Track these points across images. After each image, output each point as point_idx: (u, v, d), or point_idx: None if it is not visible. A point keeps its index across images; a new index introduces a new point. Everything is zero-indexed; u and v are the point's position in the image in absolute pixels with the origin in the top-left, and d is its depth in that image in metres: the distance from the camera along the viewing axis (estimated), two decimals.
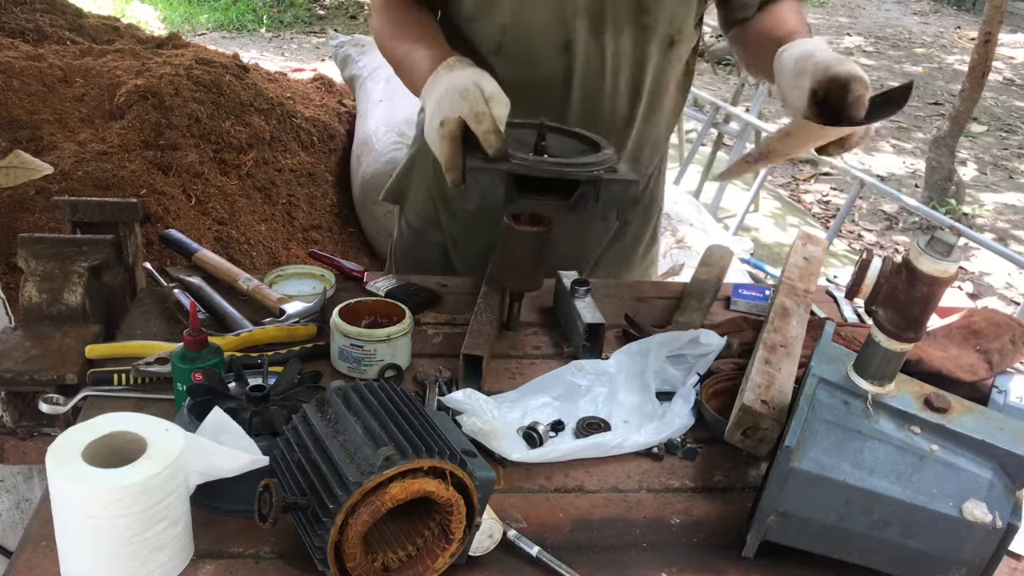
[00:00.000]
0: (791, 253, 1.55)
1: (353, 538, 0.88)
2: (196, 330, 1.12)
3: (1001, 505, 0.93)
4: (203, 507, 1.01)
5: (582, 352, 1.37)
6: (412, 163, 1.69)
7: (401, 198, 1.72)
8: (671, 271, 3.18)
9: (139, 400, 1.19)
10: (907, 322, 0.95)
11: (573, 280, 1.45)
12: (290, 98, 3.60)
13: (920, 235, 0.96)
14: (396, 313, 1.33)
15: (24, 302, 1.32)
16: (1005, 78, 8.39)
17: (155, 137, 2.96)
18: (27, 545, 0.96)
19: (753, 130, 4.59)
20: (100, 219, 1.42)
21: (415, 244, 1.72)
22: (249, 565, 0.96)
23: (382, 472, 0.86)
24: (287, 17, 9.03)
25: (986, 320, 1.43)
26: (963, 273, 4.55)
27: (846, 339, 1.37)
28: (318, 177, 3.45)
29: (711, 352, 1.32)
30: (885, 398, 0.98)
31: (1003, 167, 6.21)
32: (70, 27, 3.70)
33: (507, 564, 0.99)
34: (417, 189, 1.68)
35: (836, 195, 5.52)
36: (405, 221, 1.73)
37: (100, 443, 0.92)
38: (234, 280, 1.48)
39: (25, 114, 2.87)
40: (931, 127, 6.59)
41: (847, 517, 0.96)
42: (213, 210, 2.92)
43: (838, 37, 9.59)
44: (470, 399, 1.14)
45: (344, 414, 0.94)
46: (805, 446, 0.96)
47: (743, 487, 1.15)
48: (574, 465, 1.16)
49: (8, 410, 1.22)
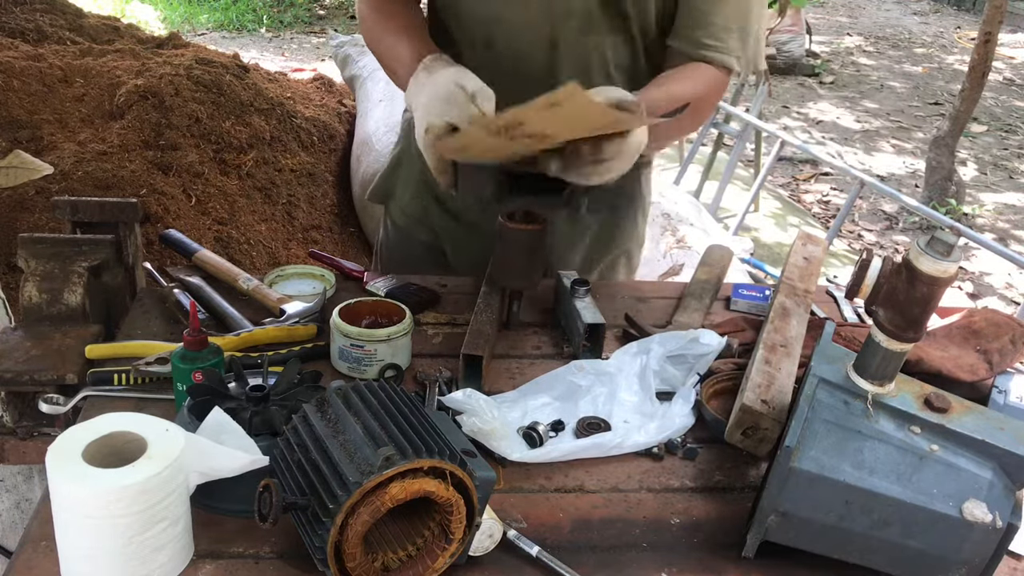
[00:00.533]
0: (791, 253, 1.55)
1: (353, 538, 0.88)
2: (196, 330, 1.12)
3: (1001, 505, 0.93)
4: (203, 507, 1.01)
5: (582, 352, 1.37)
6: (398, 162, 1.69)
7: (387, 198, 1.72)
8: (671, 271, 3.18)
9: (139, 400, 1.20)
10: (907, 322, 0.95)
11: (573, 280, 1.45)
12: (290, 98, 3.60)
13: (920, 235, 0.96)
14: (396, 313, 1.33)
15: (24, 302, 1.32)
16: (1005, 78, 8.39)
17: (155, 137, 2.95)
18: (27, 545, 0.96)
19: (753, 130, 4.59)
20: (100, 219, 1.42)
21: (402, 243, 1.72)
22: (249, 565, 0.96)
23: (382, 472, 0.86)
24: (287, 17, 9.03)
25: (986, 320, 1.43)
26: (963, 273, 4.55)
27: (846, 339, 1.37)
28: (318, 177, 3.45)
29: (711, 352, 1.32)
30: (885, 398, 0.98)
31: (1003, 167, 6.21)
32: (70, 27, 3.70)
33: (507, 564, 0.99)
34: (404, 188, 1.68)
35: (836, 195, 5.51)
36: (391, 220, 1.73)
37: (100, 443, 0.92)
38: (234, 280, 1.48)
39: (25, 114, 2.87)
40: (931, 127, 6.59)
41: (847, 517, 0.96)
42: (213, 210, 2.92)
43: (838, 37, 9.59)
44: (470, 399, 1.14)
45: (344, 414, 0.94)
46: (805, 446, 0.96)
47: (743, 487, 1.15)
48: (574, 465, 1.16)
49: (8, 410, 1.22)
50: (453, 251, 1.68)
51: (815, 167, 5.85)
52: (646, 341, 1.34)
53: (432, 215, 1.66)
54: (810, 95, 7.54)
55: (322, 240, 3.28)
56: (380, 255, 1.79)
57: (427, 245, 1.69)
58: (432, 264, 1.68)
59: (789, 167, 5.92)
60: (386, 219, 1.76)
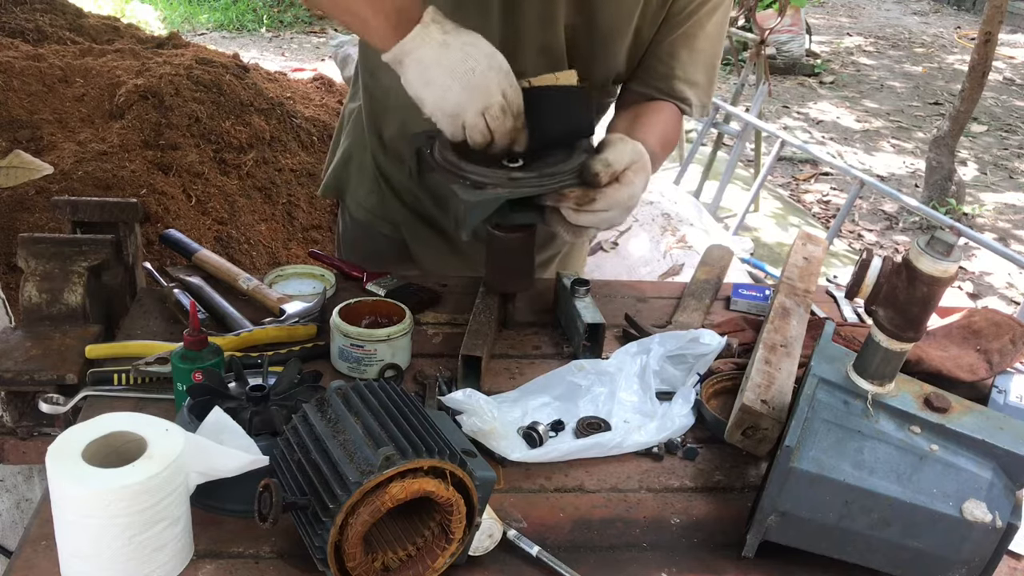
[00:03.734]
0: (791, 253, 1.55)
1: (353, 538, 0.88)
2: (196, 330, 1.12)
3: (1001, 505, 0.93)
4: (203, 507, 1.01)
5: (582, 352, 1.37)
6: (348, 156, 1.67)
7: (341, 192, 1.70)
8: (671, 271, 3.18)
9: (139, 400, 1.20)
10: (907, 322, 0.95)
11: (573, 280, 1.45)
12: (290, 98, 3.60)
13: (920, 235, 0.96)
14: (396, 313, 1.33)
15: (24, 302, 1.32)
16: (1005, 78, 8.39)
17: (155, 137, 2.95)
18: (27, 545, 0.96)
19: (753, 130, 4.59)
20: (100, 219, 1.42)
21: (363, 237, 1.71)
22: (249, 565, 0.96)
23: (382, 472, 0.86)
24: (287, 17, 9.03)
25: (986, 320, 1.43)
26: (963, 273, 4.55)
27: (846, 339, 1.37)
28: (318, 177, 3.43)
29: (711, 352, 1.32)
30: (885, 398, 0.98)
31: (1003, 167, 6.21)
32: (70, 27, 3.70)
33: (507, 564, 0.99)
34: (358, 182, 1.66)
35: (836, 195, 5.52)
36: (349, 215, 1.72)
37: (100, 443, 0.92)
38: (234, 280, 1.48)
39: (25, 114, 2.87)
40: (931, 127, 6.59)
41: (847, 517, 0.96)
42: (213, 210, 2.92)
43: (838, 37, 9.59)
44: (470, 399, 1.14)
45: (344, 414, 0.94)
46: (805, 446, 0.96)
47: (743, 487, 1.15)
48: (574, 465, 1.16)
49: (8, 410, 1.22)
50: (413, 243, 1.67)
51: (815, 167, 5.85)
52: (646, 341, 1.34)
53: (391, 208, 1.65)
54: (810, 95, 7.55)
55: (322, 240, 3.28)
56: (340, 250, 1.78)
57: (388, 238, 1.68)
58: (396, 257, 1.67)
59: (789, 167, 5.92)
60: (343, 214, 1.74)
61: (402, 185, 1.61)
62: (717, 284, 1.62)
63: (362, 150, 1.64)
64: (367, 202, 1.67)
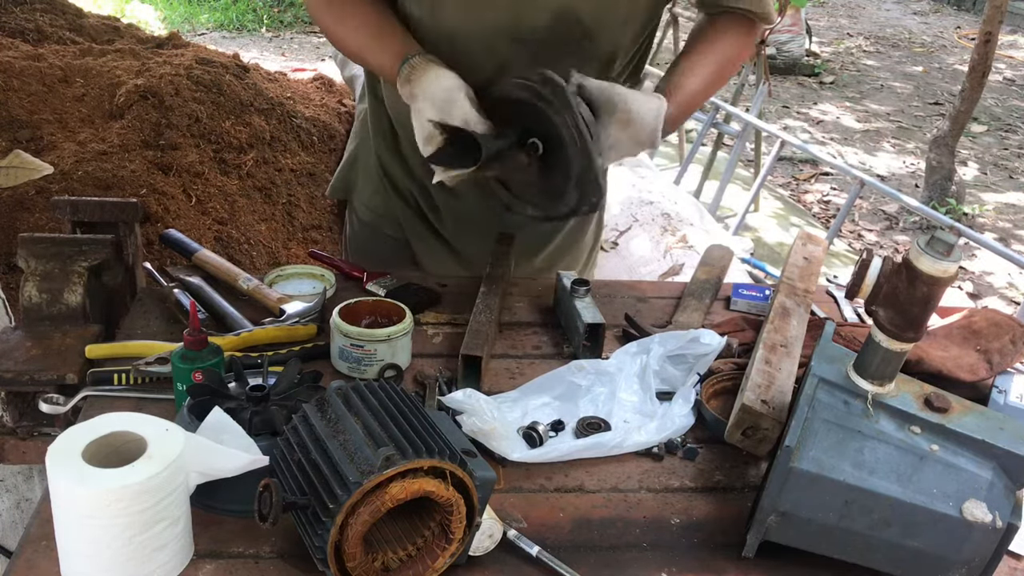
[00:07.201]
0: (791, 253, 1.55)
1: (353, 538, 0.88)
2: (196, 330, 1.12)
3: (1001, 505, 0.93)
4: (203, 507, 1.01)
5: (582, 352, 1.37)
6: (355, 158, 1.68)
7: (348, 193, 1.71)
8: (671, 271, 3.18)
9: (139, 400, 1.19)
10: (907, 322, 0.95)
11: (573, 280, 1.45)
12: (290, 98, 3.60)
13: (920, 235, 0.96)
14: (396, 313, 1.33)
15: (24, 302, 1.32)
16: (1005, 78, 8.38)
17: (155, 137, 2.95)
18: (27, 545, 0.96)
19: (753, 130, 4.59)
20: (100, 219, 1.42)
21: (369, 239, 1.71)
22: (249, 565, 0.96)
23: (382, 472, 0.86)
24: (287, 17, 9.03)
25: (986, 320, 1.43)
26: (964, 273, 4.55)
27: (846, 339, 1.37)
28: (318, 177, 3.44)
29: (711, 352, 1.31)
30: (885, 398, 0.98)
31: (1003, 167, 6.21)
32: (70, 27, 3.70)
33: (507, 564, 0.99)
34: (364, 183, 1.67)
35: (836, 195, 5.52)
36: (356, 216, 1.72)
37: (100, 443, 0.92)
38: (234, 280, 1.48)
39: (25, 114, 2.87)
40: (931, 127, 6.59)
41: (847, 517, 0.96)
42: (213, 210, 2.92)
43: (839, 38, 9.59)
44: (470, 399, 1.14)
45: (344, 414, 0.94)
46: (805, 446, 0.96)
47: (743, 487, 1.15)
48: (574, 465, 1.16)
49: (8, 410, 1.22)
50: (417, 244, 1.67)
51: (815, 167, 5.85)
52: (646, 341, 1.34)
53: (395, 209, 1.65)
54: (810, 95, 7.54)
55: (322, 240, 3.27)
56: (347, 250, 1.78)
57: (394, 239, 1.68)
58: (404, 261, 1.67)
59: (789, 167, 5.92)
60: (351, 215, 1.75)
61: (404, 185, 1.62)
62: (717, 284, 1.62)
63: (367, 151, 1.64)
64: (372, 202, 1.67)
